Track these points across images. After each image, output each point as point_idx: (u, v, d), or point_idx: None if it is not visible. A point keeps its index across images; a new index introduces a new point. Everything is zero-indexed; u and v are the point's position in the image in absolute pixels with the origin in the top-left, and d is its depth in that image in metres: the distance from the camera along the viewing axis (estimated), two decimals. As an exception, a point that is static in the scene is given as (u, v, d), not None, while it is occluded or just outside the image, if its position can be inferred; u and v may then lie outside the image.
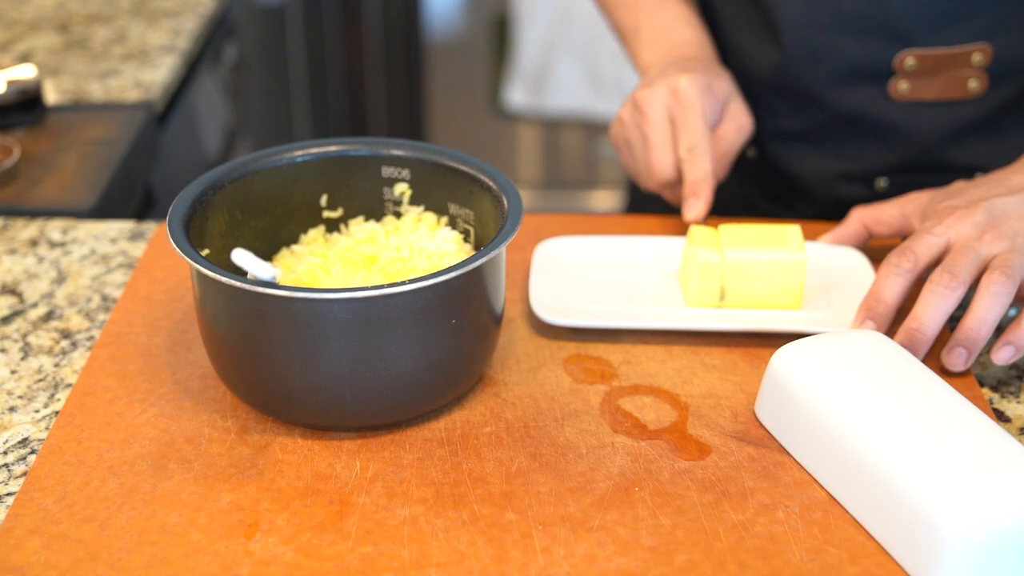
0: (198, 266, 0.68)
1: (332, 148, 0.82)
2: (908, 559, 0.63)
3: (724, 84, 0.95)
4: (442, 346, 0.71)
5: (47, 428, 0.75)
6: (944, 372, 0.78)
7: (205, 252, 0.76)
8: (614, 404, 0.76)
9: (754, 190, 1.10)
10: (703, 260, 0.83)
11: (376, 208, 0.84)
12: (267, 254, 0.82)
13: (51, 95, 1.39)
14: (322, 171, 0.82)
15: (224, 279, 0.67)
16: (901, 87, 0.96)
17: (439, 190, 0.81)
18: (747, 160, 1.07)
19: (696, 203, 0.89)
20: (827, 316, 0.84)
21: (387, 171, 0.82)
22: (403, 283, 0.66)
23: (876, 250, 0.93)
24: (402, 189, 0.83)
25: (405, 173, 0.82)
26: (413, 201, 0.83)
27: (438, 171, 0.81)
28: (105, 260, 0.94)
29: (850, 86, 0.98)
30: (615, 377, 0.79)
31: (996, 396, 0.78)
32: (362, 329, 0.68)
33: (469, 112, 2.67)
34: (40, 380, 0.80)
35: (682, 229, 0.96)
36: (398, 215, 0.84)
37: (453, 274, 0.67)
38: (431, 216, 0.82)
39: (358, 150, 0.82)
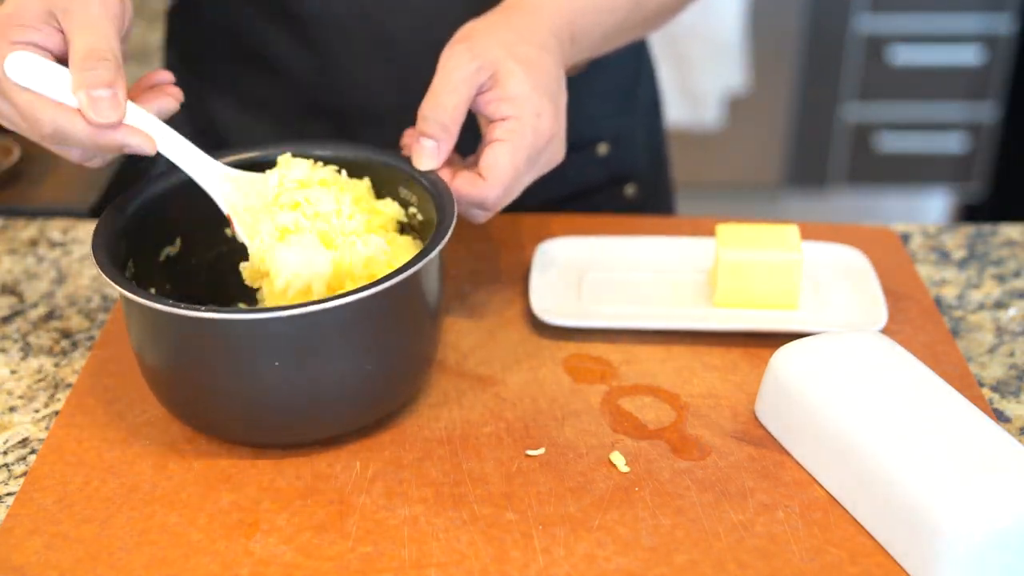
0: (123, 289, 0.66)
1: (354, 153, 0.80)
2: (908, 559, 0.63)
3: None
4: (377, 356, 0.70)
5: (47, 428, 0.75)
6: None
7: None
8: (614, 404, 0.76)
9: None
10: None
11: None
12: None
13: (51, 95, 1.39)
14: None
15: (143, 300, 0.65)
16: None
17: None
18: None
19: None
20: (826, 316, 0.84)
21: (403, 192, 0.79)
22: (331, 298, 0.65)
23: (876, 250, 0.93)
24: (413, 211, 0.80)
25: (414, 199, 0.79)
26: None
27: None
28: (105, 260, 0.94)
29: None
30: (615, 377, 0.79)
31: (996, 396, 0.78)
32: (295, 345, 0.66)
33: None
34: (40, 380, 0.80)
35: (682, 229, 0.96)
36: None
37: (371, 291, 0.65)
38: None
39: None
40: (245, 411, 0.69)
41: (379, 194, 0.79)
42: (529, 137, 0.76)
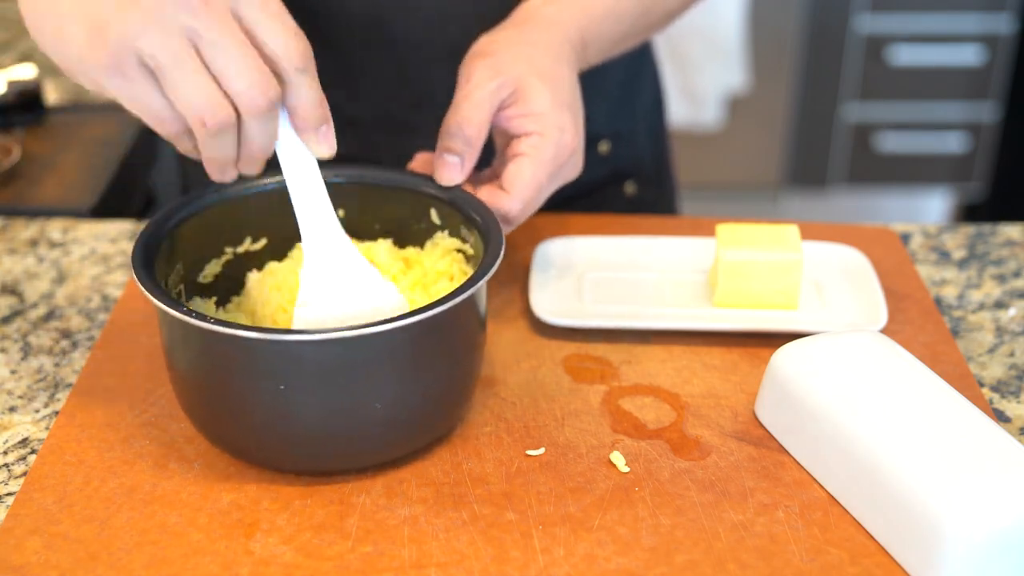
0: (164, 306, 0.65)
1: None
2: (908, 559, 0.63)
3: None
4: (421, 385, 0.68)
5: (47, 428, 0.75)
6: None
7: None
8: (614, 404, 0.76)
9: None
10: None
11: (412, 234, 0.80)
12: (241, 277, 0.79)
13: (51, 95, 1.39)
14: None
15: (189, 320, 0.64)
16: None
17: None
18: None
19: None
20: (826, 316, 0.84)
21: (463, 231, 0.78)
22: (375, 324, 0.63)
23: (876, 250, 0.93)
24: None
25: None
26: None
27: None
28: (105, 260, 0.94)
29: None
30: (615, 377, 0.79)
31: (996, 396, 0.78)
32: (333, 371, 0.65)
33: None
34: (40, 380, 0.80)
35: (682, 229, 0.96)
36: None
37: (419, 317, 0.64)
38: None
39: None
40: (278, 436, 0.67)
41: (442, 225, 0.79)
42: (552, 152, 0.77)
